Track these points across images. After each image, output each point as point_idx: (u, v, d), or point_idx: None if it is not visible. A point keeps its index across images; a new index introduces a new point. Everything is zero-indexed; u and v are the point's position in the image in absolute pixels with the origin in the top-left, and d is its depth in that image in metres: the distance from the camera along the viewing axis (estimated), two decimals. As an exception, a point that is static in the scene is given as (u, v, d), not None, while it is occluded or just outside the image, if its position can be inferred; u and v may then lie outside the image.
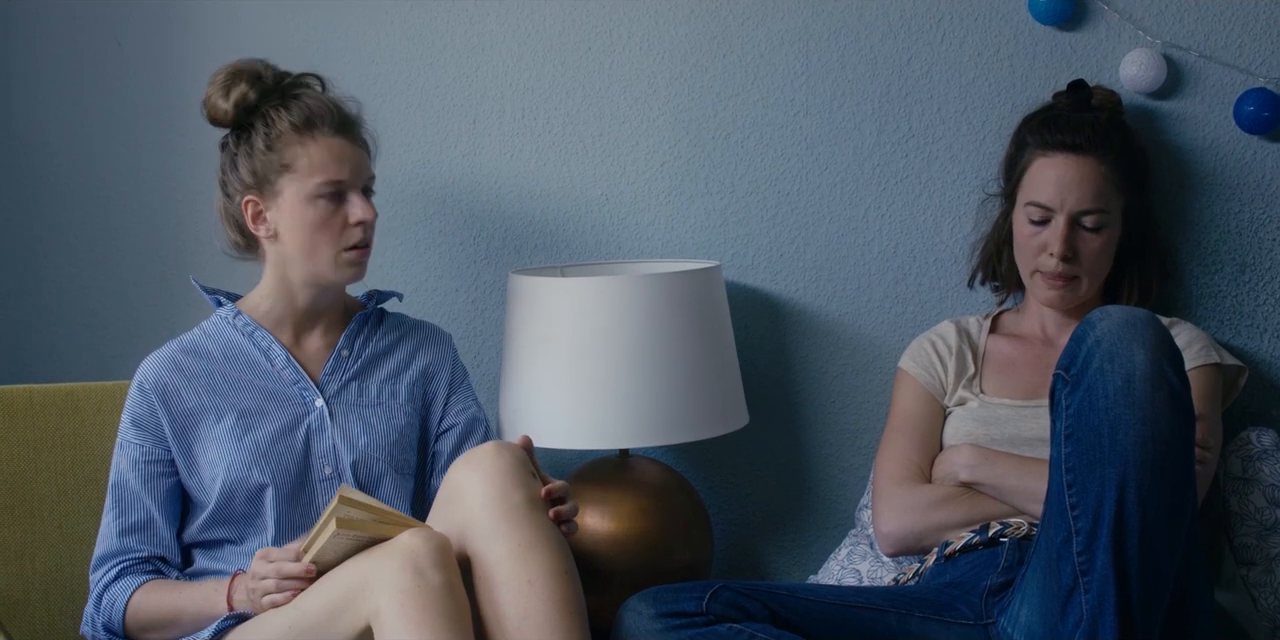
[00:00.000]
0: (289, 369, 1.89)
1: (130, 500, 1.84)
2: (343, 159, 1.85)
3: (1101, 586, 1.51)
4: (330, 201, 1.84)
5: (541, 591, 1.60)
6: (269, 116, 1.85)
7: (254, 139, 1.85)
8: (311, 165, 1.83)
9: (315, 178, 1.83)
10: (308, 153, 1.83)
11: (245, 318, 1.90)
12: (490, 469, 1.67)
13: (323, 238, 1.85)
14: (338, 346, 1.92)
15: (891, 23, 2.25)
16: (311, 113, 1.85)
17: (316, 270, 1.87)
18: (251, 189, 1.85)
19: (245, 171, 1.85)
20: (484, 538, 1.64)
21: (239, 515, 1.83)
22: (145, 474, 1.84)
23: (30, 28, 2.45)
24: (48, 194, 2.48)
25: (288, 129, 1.83)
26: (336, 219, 1.85)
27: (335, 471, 1.85)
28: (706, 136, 2.33)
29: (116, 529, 1.83)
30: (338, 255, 1.86)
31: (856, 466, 2.35)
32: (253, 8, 2.39)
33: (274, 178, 1.84)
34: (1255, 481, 2.02)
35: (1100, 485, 1.52)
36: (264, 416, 1.85)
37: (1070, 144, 1.99)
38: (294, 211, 1.84)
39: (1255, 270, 2.19)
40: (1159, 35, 2.16)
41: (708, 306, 2.13)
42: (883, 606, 1.78)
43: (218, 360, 1.88)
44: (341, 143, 1.86)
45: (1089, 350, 1.56)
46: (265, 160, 1.83)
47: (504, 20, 2.35)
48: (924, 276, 2.30)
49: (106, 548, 1.83)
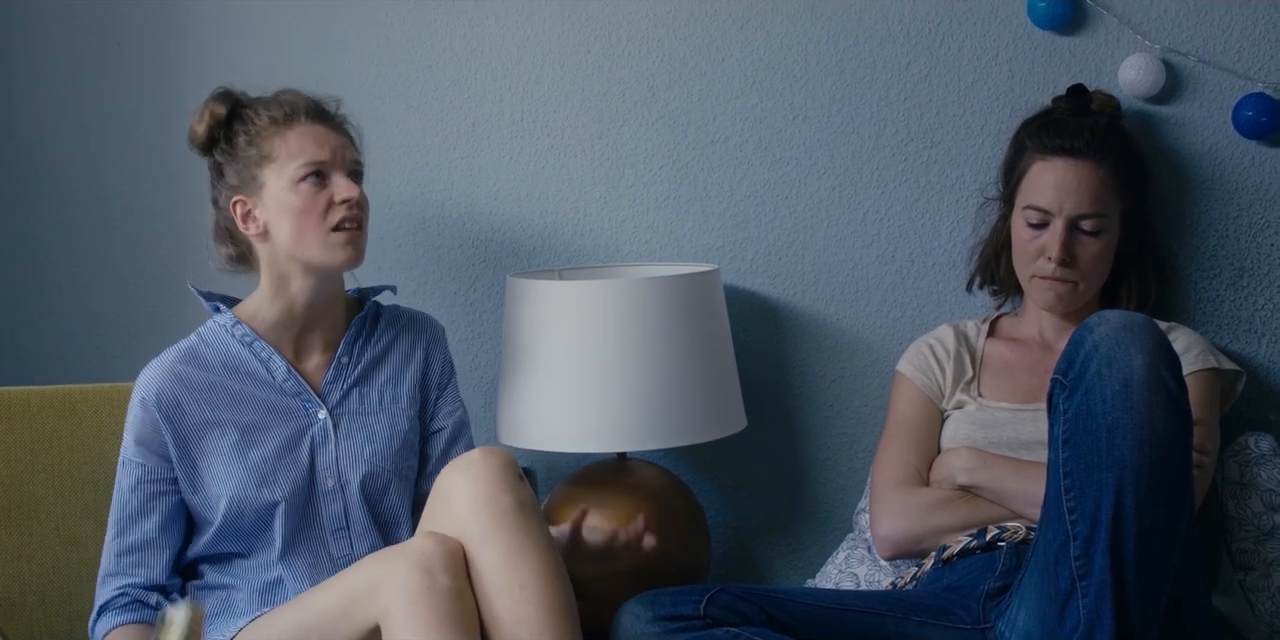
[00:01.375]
0: (290, 381, 1.87)
1: (129, 521, 1.83)
2: (322, 142, 1.85)
3: (1099, 591, 1.51)
4: (313, 185, 1.83)
5: (533, 596, 1.60)
6: (247, 118, 1.85)
7: (236, 141, 1.85)
8: (290, 151, 1.83)
9: (295, 161, 1.82)
10: (286, 142, 1.83)
11: (244, 327, 1.87)
12: (478, 474, 1.67)
13: (309, 221, 1.82)
14: (337, 354, 1.91)
15: (890, 27, 2.25)
16: (289, 106, 1.86)
17: (309, 256, 1.84)
18: (238, 189, 1.85)
19: (231, 175, 1.86)
20: (474, 543, 1.64)
21: (247, 531, 1.82)
22: (147, 494, 1.82)
23: (30, 29, 2.45)
24: (47, 195, 2.48)
25: (266, 124, 1.84)
26: (320, 200, 1.83)
27: (338, 484, 1.84)
28: (705, 140, 2.33)
29: (115, 550, 1.83)
30: (326, 236, 1.83)
31: (854, 470, 2.35)
32: (253, 11, 2.39)
33: (256, 172, 1.83)
34: (1253, 486, 2.02)
35: (1098, 490, 1.52)
36: (267, 431, 1.83)
37: (1069, 148, 2.00)
38: (279, 200, 1.83)
39: (1253, 275, 2.19)
40: (1158, 40, 2.16)
41: (706, 310, 2.13)
42: (880, 610, 1.78)
43: (218, 371, 1.85)
44: (321, 129, 1.86)
45: (1087, 355, 1.56)
46: (247, 157, 1.84)
47: (503, 23, 2.35)
48: (922, 280, 2.30)
49: (105, 567, 1.84)
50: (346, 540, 1.84)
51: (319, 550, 1.82)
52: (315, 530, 1.83)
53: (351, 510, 1.84)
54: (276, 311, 1.88)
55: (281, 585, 1.81)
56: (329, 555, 1.83)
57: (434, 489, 1.72)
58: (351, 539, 1.84)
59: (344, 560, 1.82)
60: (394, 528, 1.89)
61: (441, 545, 1.61)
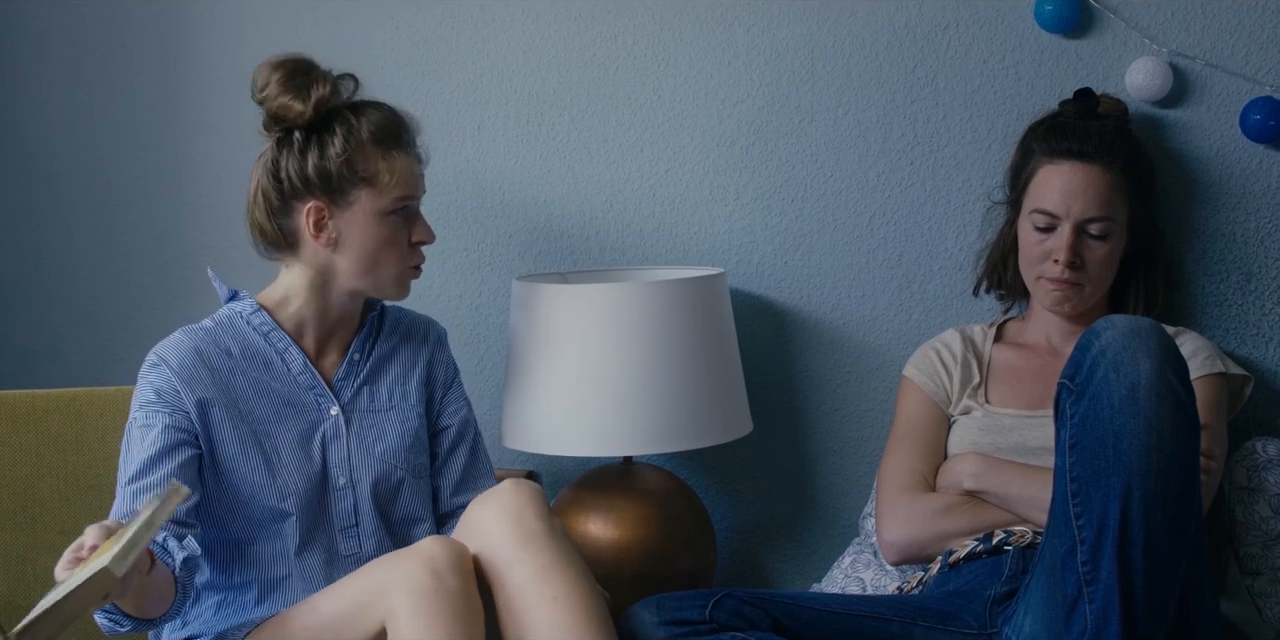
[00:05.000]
0: (306, 374, 1.85)
1: (150, 462, 1.70)
2: (416, 176, 1.85)
3: (1106, 596, 1.51)
4: (400, 218, 1.83)
5: (566, 603, 1.61)
6: (350, 123, 1.80)
7: (331, 142, 1.79)
8: (393, 182, 1.80)
9: (394, 193, 1.81)
10: (391, 169, 1.81)
11: (264, 315, 1.84)
12: (508, 502, 1.68)
13: (389, 254, 1.83)
14: (350, 350, 1.90)
15: (897, 30, 2.25)
16: (394, 125, 1.83)
17: (374, 285, 1.84)
18: (319, 193, 1.79)
19: (314, 172, 1.78)
20: (505, 565, 1.64)
21: (256, 521, 1.80)
22: (172, 442, 1.72)
23: (34, 29, 2.46)
24: (51, 199, 2.49)
25: (368, 140, 1.79)
26: (403, 236, 1.84)
27: (350, 481, 1.84)
28: (711, 143, 2.33)
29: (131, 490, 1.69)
30: (401, 274, 1.85)
31: (860, 475, 2.35)
32: (258, 11, 2.40)
33: (349, 188, 1.79)
34: (1260, 491, 2.02)
35: (1105, 495, 1.52)
36: (280, 423, 1.81)
37: (1076, 151, 1.99)
38: (366, 224, 1.81)
39: (1261, 279, 2.19)
40: (1165, 44, 2.16)
41: (712, 314, 2.13)
42: (886, 615, 1.78)
43: (235, 357, 1.81)
44: (414, 161, 1.85)
45: (1094, 359, 1.56)
46: (343, 168, 1.78)
47: (509, 26, 2.35)
48: (929, 284, 2.29)
49: (118, 507, 1.72)
50: (355, 538, 1.83)
51: (330, 547, 1.82)
52: (325, 527, 1.83)
53: (361, 508, 1.84)
54: (308, 309, 1.86)
55: (289, 581, 1.80)
56: (338, 552, 1.82)
57: (463, 518, 1.73)
58: (360, 537, 1.83)
59: (351, 557, 1.82)
60: (411, 526, 1.89)
61: (449, 547, 1.61)
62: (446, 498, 1.94)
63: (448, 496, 1.94)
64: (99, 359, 2.49)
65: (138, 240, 2.48)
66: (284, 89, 1.78)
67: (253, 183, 1.84)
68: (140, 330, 2.45)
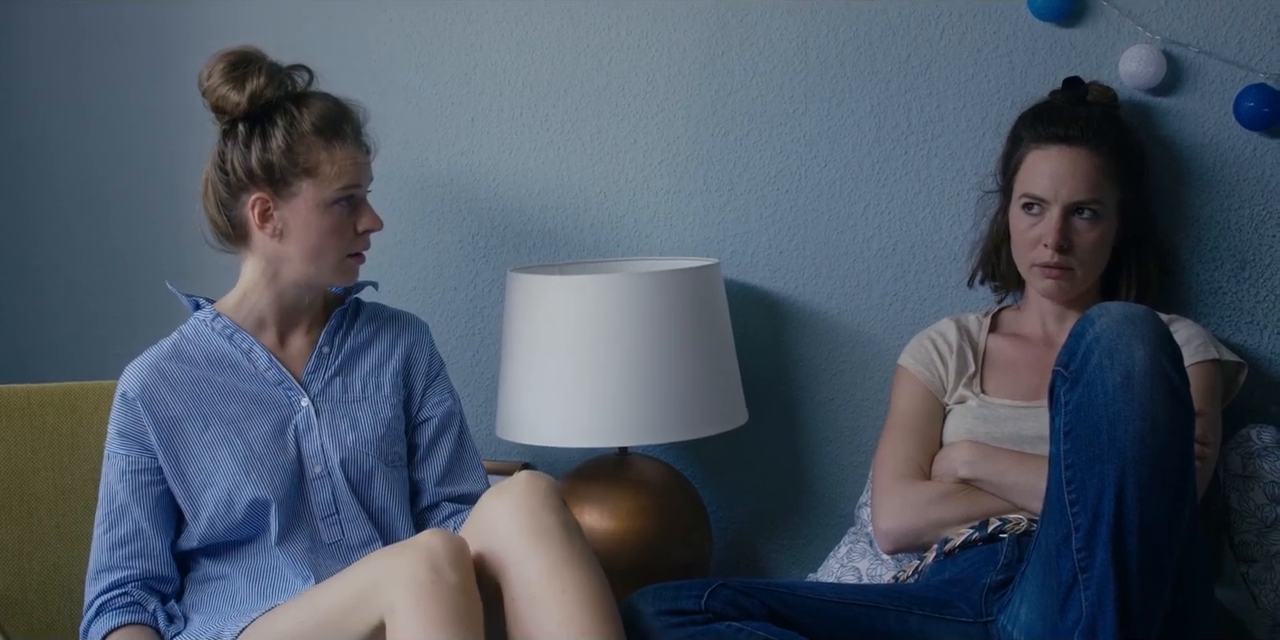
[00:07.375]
0: (272, 370, 1.87)
1: (119, 512, 1.82)
2: (360, 166, 1.84)
3: (1101, 583, 1.51)
4: (344, 208, 1.83)
5: (576, 597, 1.60)
6: (291, 115, 1.81)
7: (272, 134, 1.80)
8: (335, 172, 1.81)
9: (336, 183, 1.81)
10: (332, 160, 1.81)
11: (224, 320, 1.87)
12: (521, 497, 1.68)
13: (332, 243, 1.84)
14: (319, 344, 1.91)
15: (891, 19, 2.24)
16: (336, 116, 1.83)
17: (316, 273, 1.86)
18: (262, 185, 1.81)
19: (256, 164, 1.80)
20: (517, 561, 1.64)
21: (240, 520, 1.82)
22: (133, 484, 1.82)
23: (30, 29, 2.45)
24: (46, 194, 2.48)
25: (310, 131, 1.80)
26: (348, 225, 1.84)
27: (325, 470, 1.85)
28: (705, 134, 2.33)
29: (107, 544, 1.82)
30: (341, 261, 1.86)
31: (856, 464, 2.35)
32: (251, 7, 2.39)
33: (291, 179, 1.80)
34: (1255, 478, 2.02)
35: (1099, 482, 1.52)
36: (251, 421, 1.83)
37: (1063, 136, 1.99)
38: (309, 215, 1.82)
39: (1255, 267, 2.19)
40: (1158, 31, 2.15)
41: (707, 304, 2.13)
42: (882, 604, 1.78)
43: (201, 365, 1.85)
44: (358, 151, 1.85)
45: (1088, 346, 1.56)
46: (284, 160, 1.80)
47: (502, 17, 2.35)
48: (923, 274, 2.29)
49: (97, 561, 1.82)
50: (337, 526, 1.84)
51: (313, 535, 1.83)
52: (306, 516, 1.84)
53: (340, 496, 1.85)
54: (261, 302, 1.88)
55: (278, 572, 1.81)
56: (321, 541, 1.83)
57: (475, 511, 1.72)
58: (342, 525, 1.84)
59: (336, 546, 1.83)
60: (385, 516, 1.89)
61: (448, 541, 1.61)
62: (431, 488, 1.95)
63: (432, 486, 1.95)
64: (93, 353, 2.49)
65: (132, 235, 2.48)
66: (224, 80, 1.80)
67: (203, 175, 1.87)
68: (135, 325, 2.45)
